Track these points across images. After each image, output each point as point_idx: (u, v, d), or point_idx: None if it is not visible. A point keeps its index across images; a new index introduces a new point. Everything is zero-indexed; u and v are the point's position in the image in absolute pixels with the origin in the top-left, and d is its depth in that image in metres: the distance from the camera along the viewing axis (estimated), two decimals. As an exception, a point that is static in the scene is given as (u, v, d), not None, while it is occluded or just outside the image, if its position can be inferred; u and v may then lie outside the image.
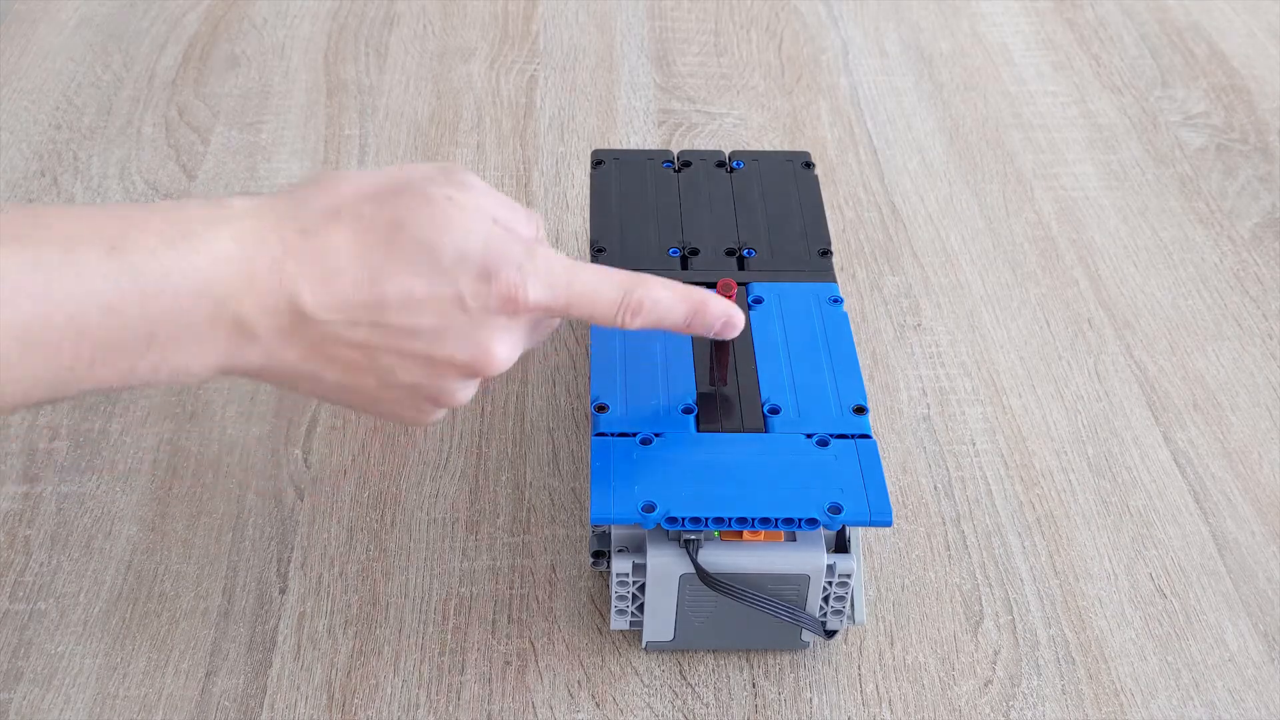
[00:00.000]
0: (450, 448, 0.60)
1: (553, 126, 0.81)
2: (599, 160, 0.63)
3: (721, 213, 0.60)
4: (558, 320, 0.48)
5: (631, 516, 0.46)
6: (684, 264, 0.57)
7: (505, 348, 0.44)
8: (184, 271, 0.39)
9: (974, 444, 0.61)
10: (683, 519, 0.46)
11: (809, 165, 0.63)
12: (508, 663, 0.52)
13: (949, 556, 0.56)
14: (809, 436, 0.49)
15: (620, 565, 0.48)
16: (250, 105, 0.82)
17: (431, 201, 0.42)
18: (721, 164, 0.63)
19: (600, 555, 0.49)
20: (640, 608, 0.50)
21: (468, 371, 0.43)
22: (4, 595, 0.53)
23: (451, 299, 0.42)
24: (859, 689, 0.51)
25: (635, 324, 0.45)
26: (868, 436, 0.49)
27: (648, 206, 0.60)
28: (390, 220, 0.42)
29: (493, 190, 0.45)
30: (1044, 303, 0.69)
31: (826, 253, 0.58)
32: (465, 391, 0.45)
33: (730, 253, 0.58)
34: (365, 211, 0.42)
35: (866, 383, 0.63)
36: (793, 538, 0.48)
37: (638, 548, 0.48)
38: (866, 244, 0.72)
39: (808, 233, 0.59)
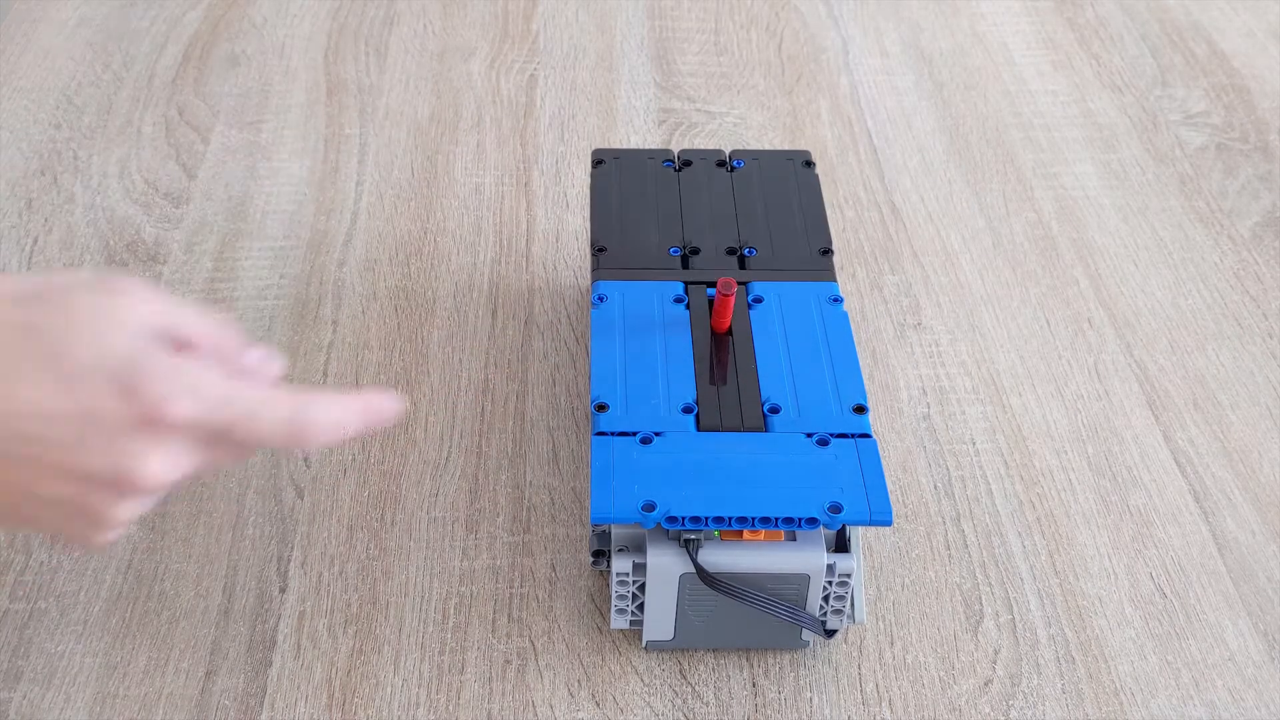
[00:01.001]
0: (450, 447, 0.60)
1: (553, 126, 0.81)
2: (599, 159, 0.63)
3: (722, 212, 0.60)
4: (249, 446, 0.43)
5: (631, 516, 0.46)
6: (685, 263, 0.57)
7: (156, 466, 0.39)
8: None
9: (974, 443, 0.61)
10: (683, 518, 0.46)
11: (809, 164, 0.63)
12: (508, 662, 0.52)
13: (949, 556, 0.56)
14: (809, 436, 0.49)
15: (620, 564, 0.48)
16: (250, 105, 0.82)
17: (71, 309, 0.40)
18: (722, 163, 0.63)
19: (600, 554, 0.49)
20: (640, 607, 0.50)
21: (116, 488, 0.40)
22: (4, 594, 0.53)
23: (83, 413, 0.39)
24: (859, 688, 0.51)
25: (315, 444, 0.42)
26: (868, 436, 0.49)
27: (648, 206, 0.60)
28: (25, 323, 0.39)
29: (159, 297, 0.41)
30: (1044, 302, 0.69)
31: (827, 252, 0.58)
32: (124, 509, 0.41)
33: (731, 251, 0.58)
34: (2, 315, 0.39)
35: (866, 382, 0.63)
36: (793, 537, 0.48)
37: (638, 547, 0.48)
38: (866, 243, 0.72)
39: (808, 232, 0.59)
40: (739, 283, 0.56)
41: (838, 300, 0.56)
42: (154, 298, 0.41)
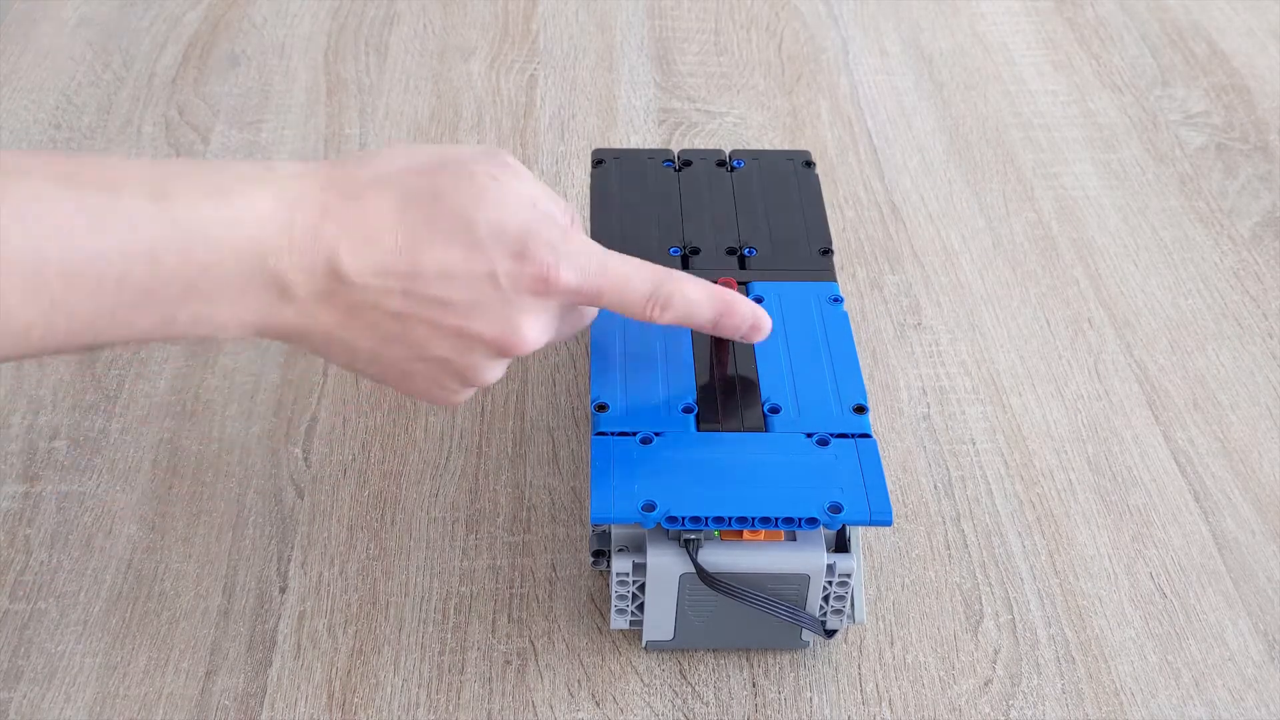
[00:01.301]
0: (450, 447, 0.60)
1: (553, 125, 0.81)
2: (599, 159, 0.63)
3: (722, 212, 0.60)
4: (591, 313, 0.49)
5: (631, 516, 0.46)
6: (685, 263, 0.57)
7: (535, 328, 0.44)
8: (225, 225, 0.40)
9: (974, 443, 0.61)
10: (683, 518, 0.46)
11: (809, 164, 0.63)
12: (508, 662, 0.52)
13: (949, 555, 0.56)
14: (809, 436, 0.49)
15: (620, 564, 0.48)
16: (250, 104, 0.82)
17: (474, 178, 0.43)
18: (722, 163, 0.63)
19: (600, 554, 0.49)
20: (640, 607, 0.50)
21: (497, 349, 0.44)
22: (4, 594, 0.53)
23: (485, 274, 0.42)
24: (859, 688, 0.51)
25: (664, 318, 0.46)
26: (868, 436, 0.49)
27: (648, 205, 0.60)
28: (432, 192, 0.42)
29: (533, 177, 0.45)
30: (1044, 302, 0.69)
31: (827, 252, 0.58)
32: (493, 370, 0.45)
33: (731, 251, 0.58)
34: (408, 181, 0.42)
35: (867, 382, 0.63)
36: (793, 537, 0.48)
37: (638, 547, 0.48)
38: (867, 243, 0.72)
39: (808, 232, 0.59)
40: (739, 283, 0.56)
41: (838, 300, 0.56)
42: (531, 174, 0.45)
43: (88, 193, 0.38)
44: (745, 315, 0.48)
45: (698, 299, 0.47)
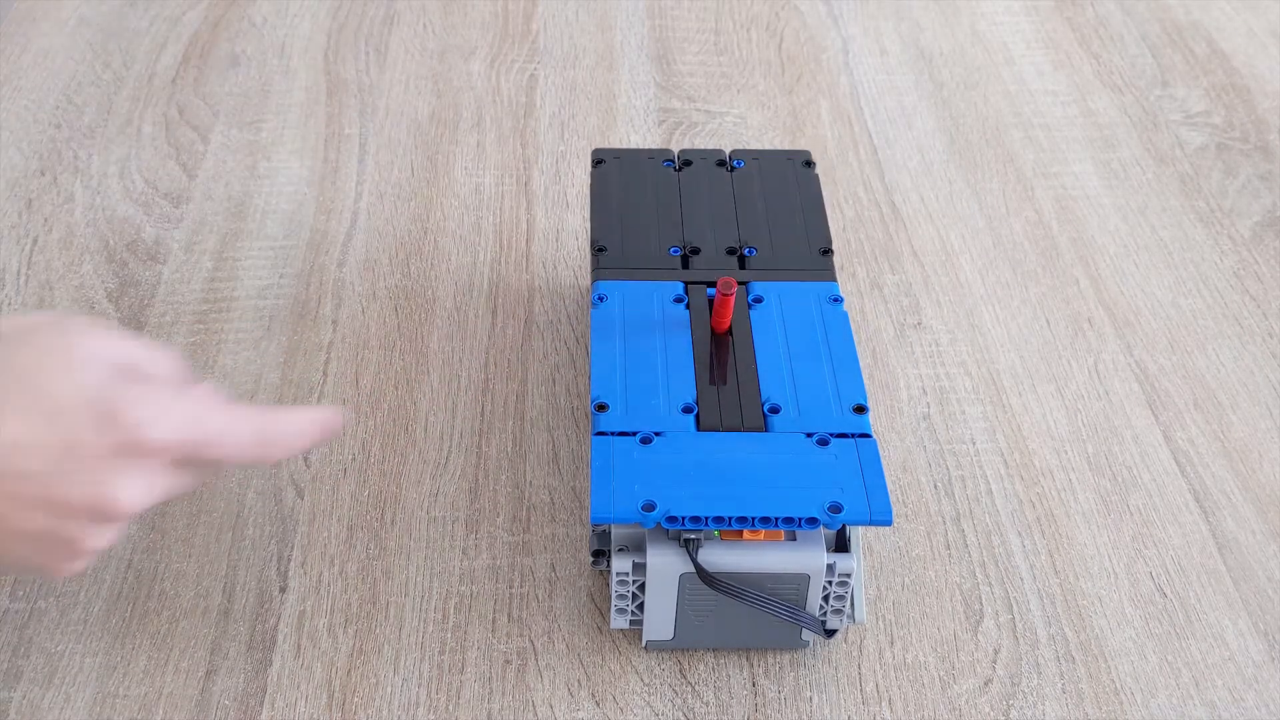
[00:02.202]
0: (450, 447, 0.60)
1: (553, 125, 0.81)
2: (599, 159, 0.63)
3: (722, 211, 0.60)
4: (215, 466, 0.46)
5: (631, 516, 0.46)
6: (685, 263, 0.57)
7: (133, 490, 0.41)
8: None
9: (974, 443, 0.61)
10: (683, 518, 0.46)
11: (809, 164, 0.63)
12: (508, 662, 0.52)
13: (949, 555, 0.56)
14: (809, 436, 0.49)
15: (620, 564, 0.48)
16: (250, 104, 0.82)
17: (42, 349, 0.41)
18: (722, 163, 0.63)
19: (600, 554, 0.49)
20: (640, 607, 0.50)
21: (94, 516, 0.41)
22: (4, 594, 0.53)
23: (65, 442, 0.40)
24: (859, 688, 0.51)
25: (279, 455, 0.45)
26: (868, 435, 0.49)
27: (648, 205, 0.60)
28: (5, 363, 0.41)
29: (113, 336, 0.43)
30: (1044, 301, 0.69)
31: (827, 251, 0.58)
32: (100, 536, 0.42)
33: (731, 251, 0.58)
34: None
35: (866, 381, 0.63)
36: (793, 537, 0.48)
37: (638, 547, 0.48)
38: (867, 243, 0.72)
39: (808, 231, 0.59)
40: (739, 282, 0.56)
41: (838, 300, 0.56)
42: (110, 334, 0.43)
43: None
44: (335, 428, 0.47)
45: (300, 426, 0.45)
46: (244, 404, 0.45)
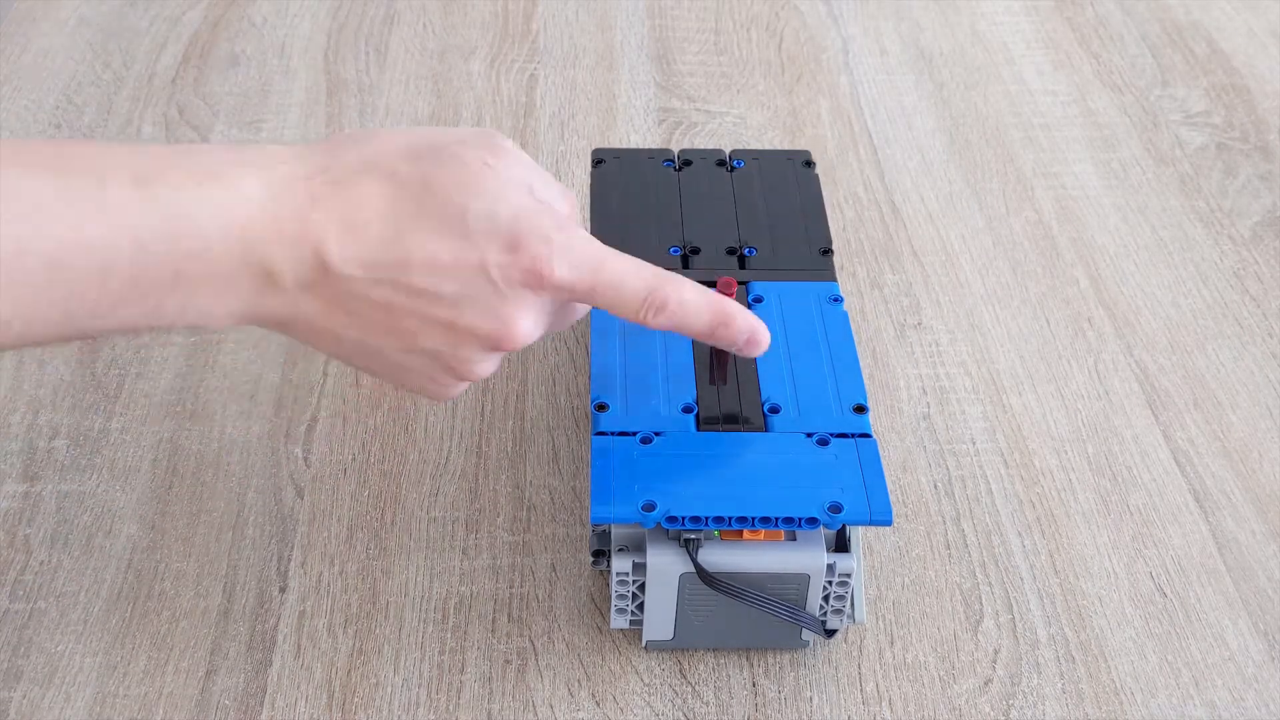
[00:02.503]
0: (450, 447, 0.60)
1: (553, 125, 0.81)
2: (599, 159, 0.63)
3: (722, 211, 0.60)
4: (585, 308, 0.47)
5: (631, 516, 0.46)
6: (685, 263, 0.57)
7: (527, 322, 0.42)
8: (211, 211, 0.39)
9: (974, 443, 0.61)
10: (683, 518, 0.46)
11: (809, 164, 0.63)
12: (508, 662, 0.52)
13: (949, 555, 0.56)
14: (809, 436, 0.49)
15: (620, 564, 0.48)
16: (250, 104, 0.82)
17: (465, 165, 0.42)
18: (722, 163, 0.63)
19: (600, 554, 0.49)
20: (640, 607, 0.50)
21: (488, 343, 0.42)
22: (4, 594, 0.53)
23: (476, 266, 0.41)
24: (859, 688, 0.51)
25: (657, 322, 0.44)
26: (868, 435, 0.49)
27: (648, 205, 0.60)
28: (422, 179, 0.41)
29: (530, 161, 0.44)
30: (1044, 301, 0.69)
31: (827, 251, 0.58)
32: (485, 364, 0.44)
33: (731, 251, 0.58)
34: (398, 168, 0.41)
35: (866, 381, 0.63)
36: (793, 537, 0.48)
37: (638, 547, 0.48)
38: (867, 243, 0.72)
39: (808, 231, 0.59)
40: (739, 282, 0.56)
41: (838, 300, 0.56)
42: (526, 162, 0.43)
43: (71, 179, 0.37)
44: (742, 328, 0.46)
45: (695, 306, 0.45)
46: (638, 261, 0.45)
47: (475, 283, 0.41)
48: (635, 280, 0.44)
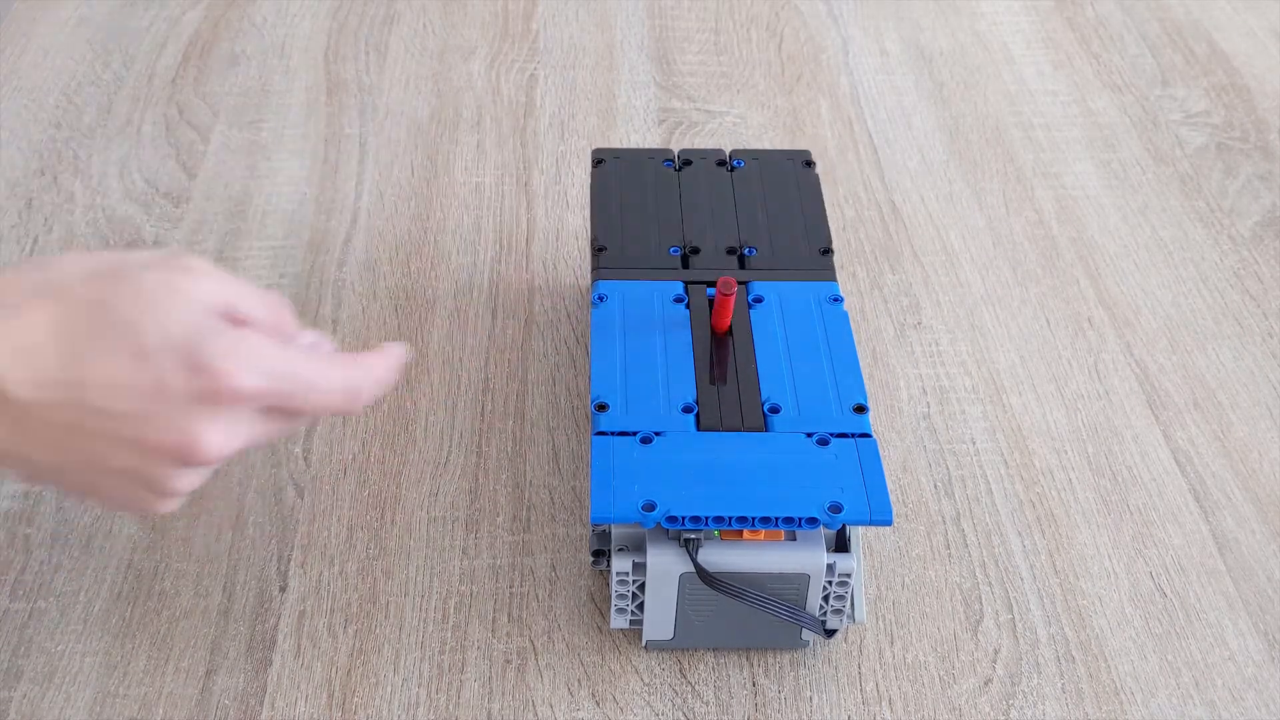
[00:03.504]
0: (450, 447, 0.60)
1: (553, 125, 0.81)
2: (599, 159, 0.63)
3: (722, 211, 0.60)
4: (304, 417, 0.45)
5: (631, 516, 0.46)
6: (685, 263, 0.57)
7: (216, 436, 0.41)
8: None
9: (974, 443, 0.61)
10: (683, 518, 0.46)
11: (809, 164, 0.63)
12: (508, 661, 0.52)
13: (949, 555, 0.56)
14: (809, 435, 0.49)
15: (620, 564, 0.48)
16: (250, 104, 0.82)
17: (142, 284, 0.41)
18: (722, 163, 0.63)
19: (600, 554, 0.49)
20: (640, 606, 0.50)
21: (179, 459, 0.41)
22: (4, 594, 0.53)
23: (152, 385, 0.40)
24: (859, 688, 0.51)
25: (361, 406, 0.45)
26: (868, 435, 0.49)
27: (648, 205, 0.60)
28: (98, 299, 0.41)
29: (225, 278, 0.43)
30: (1044, 301, 0.69)
31: (827, 251, 0.58)
32: (185, 479, 0.43)
33: (731, 251, 0.58)
34: (74, 289, 0.41)
35: (866, 381, 0.63)
36: (793, 537, 0.48)
37: (638, 547, 0.48)
38: (867, 243, 0.72)
39: (808, 231, 0.59)
40: (739, 282, 0.56)
41: (838, 300, 0.56)
42: (216, 274, 0.43)
43: None
44: (402, 363, 0.47)
45: (383, 376, 0.45)
46: (335, 353, 0.45)
47: (153, 401, 0.40)
48: (332, 376, 0.44)
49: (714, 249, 0.58)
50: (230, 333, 0.41)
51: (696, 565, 0.47)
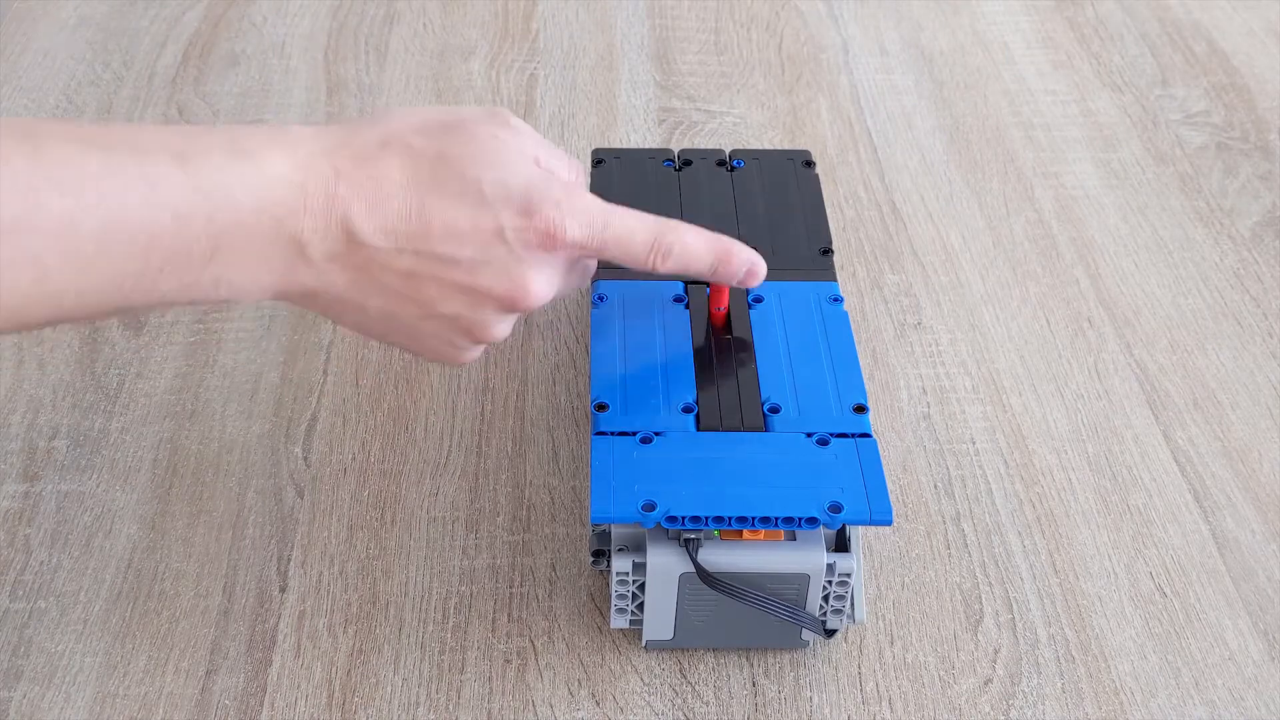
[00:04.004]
0: (450, 447, 0.60)
1: (553, 125, 0.81)
2: (599, 159, 0.63)
3: (722, 211, 0.60)
4: (593, 265, 0.50)
5: (631, 515, 0.46)
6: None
7: (542, 283, 0.45)
8: (246, 187, 0.41)
9: (974, 443, 0.61)
10: (683, 518, 0.46)
11: (809, 164, 0.63)
12: (508, 661, 0.52)
13: (949, 555, 0.56)
14: (809, 435, 0.49)
15: (620, 564, 0.48)
16: (250, 103, 0.82)
17: (477, 138, 0.44)
18: (722, 163, 0.63)
19: (600, 554, 0.49)
20: (640, 606, 0.50)
21: (505, 304, 0.45)
22: (4, 594, 0.53)
23: (492, 231, 0.43)
24: (859, 688, 0.51)
25: (665, 267, 0.47)
26: (868, 435, 0.49)
27: (648, 205, 0.60)
28: (437, 152, 0.44)
29: (536, 135, 0.47)
30: (1044, 301, 0.69)
31: (827, 251, 0.58)
32: (501, 326, 0.46)
33: (730, 251, 0.58)
34: (414, 143, 0.44)
35: (866, 381, 0.63)
36: (793, 537, 0.48)
37: (638, 546, 0.48)
38: (866, 243, 0.72)
39: (808, 231, 0.59)
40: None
41: (838, 300, 0.56)
42: (530, 134, 0.46)
43: (115, 156, 0.39)
44: (742, 260, 0.50)
45: (696, 248, 0.48)
46: (639, 213, 0.47)
47: (491, 247, 0.43)
48: (641, 232, 0.46)
49: (714, 249, 0.58)
50: (558, 184, 0.45)
51: (696, 565, 0.47)
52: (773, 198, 0.61)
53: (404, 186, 0.43)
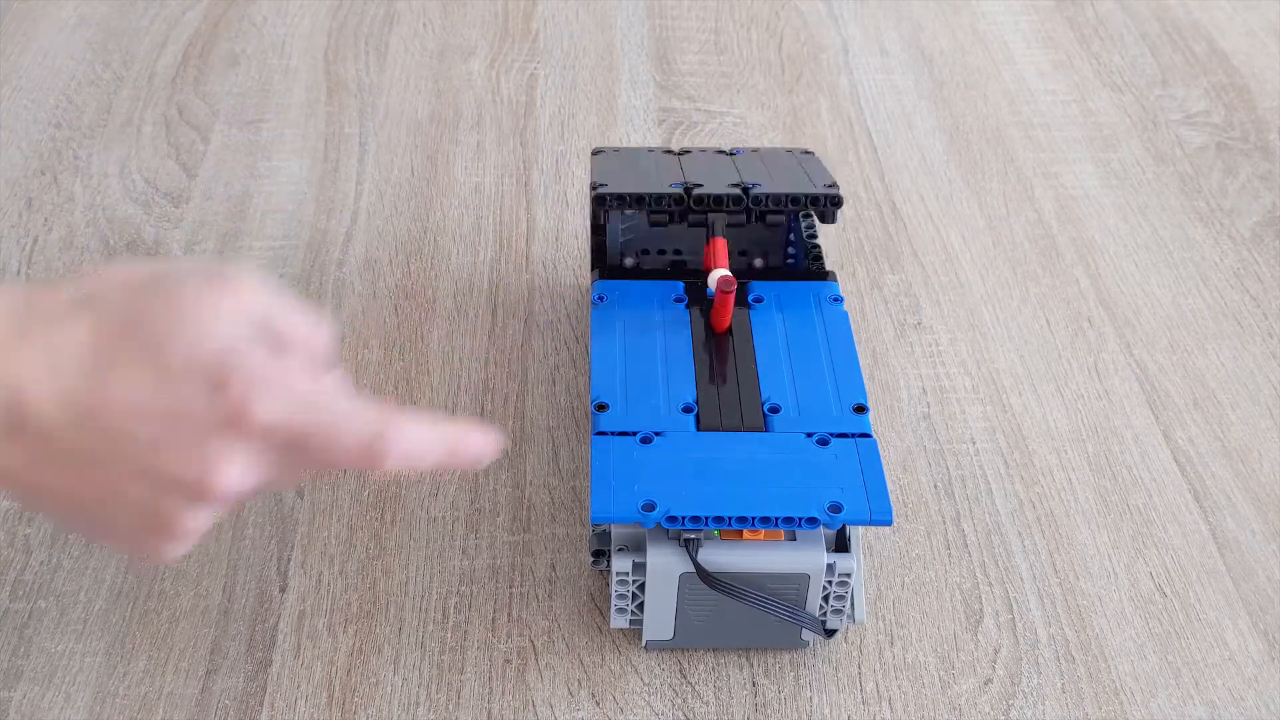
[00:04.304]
0: (450, 446, 0.60)
1: (553, 125, 0.81)
2: (599, 153, 0.63)
3: (723, 174, 0.60)
4: (325, 461, 0.40)
5: (631, 515, 0.46)
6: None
7: (234, 471, 0.38)
8: None
9: (974, 442, 0.61)
10: (683, 518, 0.46)
11: (809, 154, 0.63)
12: (508, 661, 0.52)
13: (949, 555, 0.56)
14: (809, 435, 0.49)
15: (620, 564, 0.48)
16: (250, 104, 0.82)
17: (178, 295, 0.38)
18: (722, 152, 0.63)
19: (600, 554, 0.49)
20: (640, 606, 0.50)
21: (190, 493, 0.38)
22: (4, 594, 0.53)
23: (173, 410, 0.37)
24: (859, 687, 0.51)
25: (384, 468, 0.39)
26: (868, 435, 0.49)
27: (649, 179, 0.60)
28: (131, 314, 0.38)
29: (277, 294, 0.40)
30: (1044, 301, 0.69)
31: (837, 201, 0.56)
32: (196, 517, 0.39)
33: (730, 251, 0.58)
34: (111, 303, 0.38)
35: (866, 381, 0.63)
36: (793, 537, 0.48)
37: (638, 547, 0.48)
38: (866, 242, 0.72)
39: (811, 180, 0.59)
40: (739, 282, 0.56)
41: (838, 300, 0.56)
42: (258, 289, 0.39)
43: None
44: (478, 446, 0.41)
45: (422, 444, 0.40)
46: (374, 402, 0.39)
47: (173, 425, 0.37)
48: (358, 426, 0.39)
49: (714, 249, 0.58)
50: (258, 357, 0.38)
51: (696, 565, 0.47)
52: (773, 164, 0.60)
53: (87, 352, 0.37)
